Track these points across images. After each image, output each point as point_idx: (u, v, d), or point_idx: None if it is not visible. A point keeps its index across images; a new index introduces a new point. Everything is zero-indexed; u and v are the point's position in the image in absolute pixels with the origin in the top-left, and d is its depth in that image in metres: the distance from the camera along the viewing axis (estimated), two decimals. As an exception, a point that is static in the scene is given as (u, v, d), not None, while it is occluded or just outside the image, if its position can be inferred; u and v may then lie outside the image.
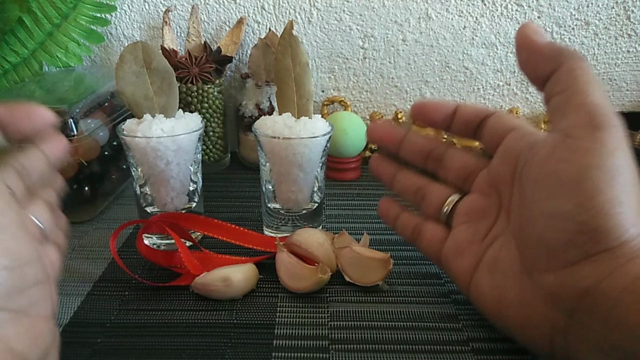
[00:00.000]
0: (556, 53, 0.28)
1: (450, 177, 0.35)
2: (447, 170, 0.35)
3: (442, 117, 0.34)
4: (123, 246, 0.43)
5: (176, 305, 0.35)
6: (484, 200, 0.33)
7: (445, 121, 0.34)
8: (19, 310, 0.22)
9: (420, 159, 0.36)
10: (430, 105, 0.35)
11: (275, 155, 0.40)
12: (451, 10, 0.59)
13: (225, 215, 0.48)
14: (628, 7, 0.59)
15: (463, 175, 0.34)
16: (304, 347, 0.31)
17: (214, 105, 0.57)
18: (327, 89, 0.64)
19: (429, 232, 0.35)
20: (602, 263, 0.25)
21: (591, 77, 0.27)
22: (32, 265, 0.23)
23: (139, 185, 0.41)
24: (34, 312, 0.23)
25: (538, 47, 0.28)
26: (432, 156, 0.36)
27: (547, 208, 0.26)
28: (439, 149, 0.35)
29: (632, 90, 0.64)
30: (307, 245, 0.38)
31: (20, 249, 0.23)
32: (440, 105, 0.35)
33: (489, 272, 0.31)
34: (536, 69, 0.29)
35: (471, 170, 0.34)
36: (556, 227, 0.26)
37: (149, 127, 0.38)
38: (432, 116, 0.35)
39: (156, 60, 0.38)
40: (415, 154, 0.36)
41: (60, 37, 0.57)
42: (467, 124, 0.34)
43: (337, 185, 0.56)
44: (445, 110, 0.34)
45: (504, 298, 0.29)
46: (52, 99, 0.47)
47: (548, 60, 0.28)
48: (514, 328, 0.29)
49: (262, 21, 0.61)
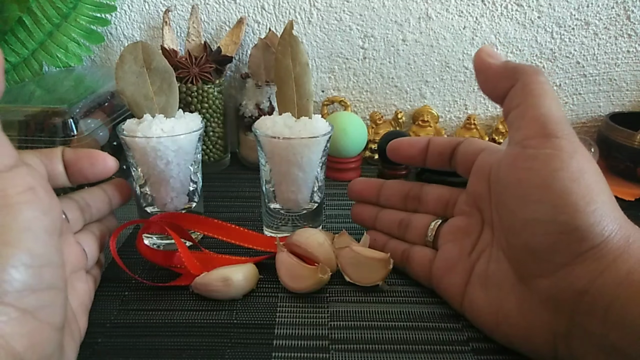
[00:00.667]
0: (511, 71, 0.29)
1: (430, 209, 0.37)
2: (426, 204, 0.37)
3: (417, 152, 0.37)
4: (123, 246, 0.43)
5: (176, 305, 0.35)
6: (467, 219, 0.34)
7: (420, 155, 0.37)
8: (27, 310, 0.22)
9: (399, 202, 0.39)
10: (404, 143, 0.38)
11: (275, 155, 0.40)
12: (451, 10, 0.59)
13: (225, 215, 0.48)
14: (628, 7, 0.59)
15: (442, 205, 0.36)
16: (304, 347, 0.31)
17: (214, 105, 0.57)
18: (327, 89, 0.64)
19: (417, 255, 0.36)
20: (593, 262, 0.25)
21: (544, 90, 0.28)
22: (51, 268, 0.24)
23: (139, 185, 0.41)
24: (41, 317, 0.23)
25: (494, 68, 0.30)
26: (410, 197, 0.38)
27: (525, 215, 0.27)
28: (415, 189, 0.38)
29: (632, 90, 0.64)
30: (307, 245, 0.38)
31: (42, 251, 0.23)
32: (413, 142, 0.37)
33: (482, 287, 0.31)
34: (494, 88, 0.30)
35: (448, 199, 0.36)
36: (539, 232, 0.26)
37: (149, 127, 0.38)
38: (407, 153, 0.37)
39: (156, 60, 0.38)
40: (393, 199, 0.39)
41: (60, 37, 0.57)
42: (441, 155, 0.36)
43: (337, 185, 0.56)
44: (418, 145, 0.37)
45: (501, 310, 0.29)
46: (52, 99, 0.47)
47: (504, 78, 0.29)
48: (515, 339, 0.29)
49: (262, 21, 0.61)
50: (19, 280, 0.22)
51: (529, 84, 0.28)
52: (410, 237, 0.37)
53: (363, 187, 0.41)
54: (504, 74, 0.29)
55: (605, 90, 0.64)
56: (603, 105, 0.65)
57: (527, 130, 0.27)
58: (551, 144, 0.26)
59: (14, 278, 0.21)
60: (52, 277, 0.24)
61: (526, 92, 0.28)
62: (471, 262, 0.32)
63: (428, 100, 0.64)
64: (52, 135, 0.43)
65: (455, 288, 0.33)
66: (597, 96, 0.64)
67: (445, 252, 0.34)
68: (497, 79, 0.30)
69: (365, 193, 0.41)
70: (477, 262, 0.32)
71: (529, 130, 0.27)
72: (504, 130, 0.62)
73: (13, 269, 0.21)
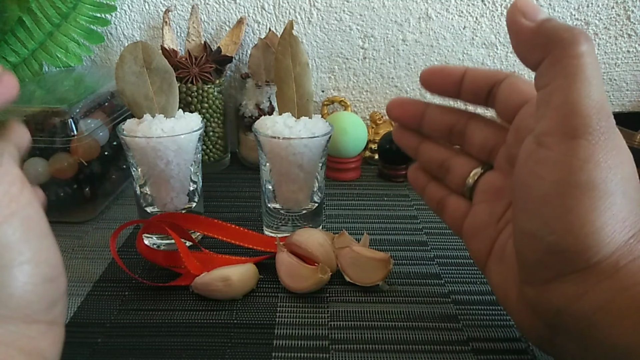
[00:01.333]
0: (545, 37, 0.23)
1: (474, 152, 0.32)
2: (470, 145, 0.32)
3: (451, 83, 0.31)
4: (123, 246, 0.43)
5: (176, 305, 0.35)
6: (503, 178, 0.30)
7: (454, 88, 0.31)
8: (52, 321, 0.22)
9: (444, 135, 0.33)
10: (438, 71, 0.32)
11: (275, 155, 0.40)
12: (451, 10, 0.59)
13: (225, 215, 0.48)
14: (628, 7, 0.59)
15: (486, 150, 0.32)
16: (304, 347, 0.31)
17: (214, 105, 0.57)
18: (327, 89, 0.64)
19: (452, 206, 0.33)
20: (574, 285, 0.24)
21: (580, 68, 0.22)
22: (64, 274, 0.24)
23: (139, 185, 0.41)
24: (59, 320, 0.23)
25: (525, 31, 0.24)
26: (455, 131, 0.33)
27: (520, 225, 0.26)
28: (460, 123, 0.33)
29: (632, 90, 0.63)
30: (307, 245, 0.38)
31: (57, 259, 0.23)
32: (447, 70, 0.31)
33: (499, 261, 0.30)
34: (525, 58, 0.25)
35: (493, 145, 0.31)
36: (528, 246, 0.25)
37: (149, 127, 0.38)
38: (441, 83, 0.32)
39: (156, 60, 0.38)
40: (437, 130, 0.33)
41: (60, 37, 0.57)
42: (477, 90, 0.30)
43: (337, 185, 0.56)
44: (453, 75, 0.31)
45: (508, 293, 0.29)
46: (52, 99, 0.47)
47: (537, 47, 0.24)
48: (517, 323, 0.29)
49: (262, 21, 0.61)
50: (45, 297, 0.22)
51: (561, 59, 0.22)
52: (450, 181, 0.33)
53: (403, 111, 0.34)
54: (537, 41, 0.23)
55: (605, 90, 0.64)
56: (603, 105, 0.65)
57: (547, 122, 0.23)
58: (566, 147, 0.23)
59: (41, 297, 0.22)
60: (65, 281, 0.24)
61: (557, 70, 0.23)
62: (497, 230, 0.30)
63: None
64: (52, 135, 0.43)
65: (480, 254, 0.31)
66: (597, 96, 0.64)
67: (476, 213, 0.32)
68: (529, 46, 0.24)
69: (405, 118, 0.35)
70: (501, 232, 0.30)
71: (549, 122, 0.23)
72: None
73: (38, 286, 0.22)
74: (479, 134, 0.32)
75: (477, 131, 0.32)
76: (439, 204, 0.34)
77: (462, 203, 0.32)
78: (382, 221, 0.47)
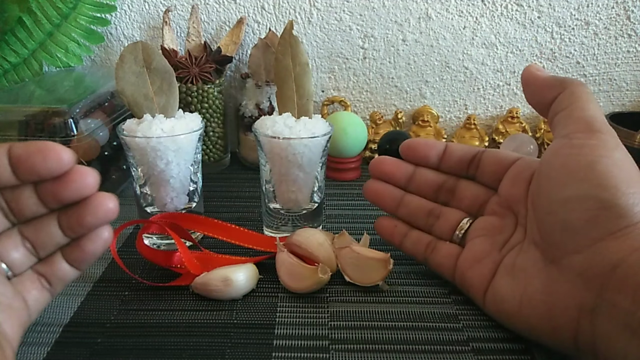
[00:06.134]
0: (559, 81, 0.32)
1: (464, 206, 0.37)
2: (459, 200, 0.38)
3: (435, 154, 0.38)
4: (123, 246, 0.43)
5: (176, 305, 0.35)
6: (500, 220, 0.35)
7: (436, 158, 0.38)
8: None
9: (431, 192, 0.39)
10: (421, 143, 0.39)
11: (275, 155, 0.40)
12: (451, 10, 0.59)
13: (225, 215, 0.48)
14: (628, 7, 0.59)
15: (477, 204, 0.37)
16: (304, 347, 0.31)
17: (214, 105, 0.57)
18: (327, 89, 0.64)
19: (444, 248, 0.37)
20: (627, 239, 0.26)
21: (589, 97, 0.31)
22: None
23: (139, 185, 0.41)
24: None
25: (542, 79, 0.33)
26: (445, 188, 0.38)
27: (566, 193, 0.29)
28: (450, 182, 0.38)
29: (632, 90, 0.63)
30: (307, 245, 0.38)
31: None
32: (431, 144, 0.38)
33: (508, 275, 0.32)
34: (542, 97, 0.33)
35: (483, 199, 0.37)
36: (578, 208, 0.28)
37: (149, 127, 0.38)
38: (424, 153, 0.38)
39: (156, 60, 0.38)
40: (426, 187, 0.39)
41: (60, 37, 0.57)
42: (460, 160, 0.37)
43: (337, 185, 0.56)
44: (437, 148, 0.38)
45: (525, 293, 0.30)
46: (52, 99, 0.47)
47: (553, 87, 0.32)
48: (536, 320, 0.29)
49: (262, 21, 0.61)
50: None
51: (576, 91, 0.31)
52: (438, 229, 0.38)
53: (393, 168, 0.39)
54: (553, 84, 0.32)
55: (605, 90, 0.64)
56: (603, 105, 0.65)
57: (574, 126, 0.30)
58: (596, 137, 0.29)
59: None
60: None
61: (574, 97, 0.31)
62: (501, 255, 0.33)
63: (428, 100, 0.64)
64: (52, 135, 0.43)
65: (480, 279, 0.33)
66: (597, 96, 0.64)
67: (475, 246, 0.35)
68: (546, 89, 0.32)
69: (396, 174, 0.39)
70: (506, 255, 0.33)
71: (576, 126, 0.30)
72: (504, 130, 0.62)
73: None
74: (471, 190, 0.37)
75: (469, 187, 0.38)
76: (427, 248, 0.37)
77: (453, 246, 0.37)
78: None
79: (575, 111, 0.30)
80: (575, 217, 0.28)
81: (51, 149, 0.24)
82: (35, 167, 0.24)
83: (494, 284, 0.32)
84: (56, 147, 0.25)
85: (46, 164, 0.24)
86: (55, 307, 0.35)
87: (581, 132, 0.29)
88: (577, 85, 0.31)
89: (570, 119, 0.30)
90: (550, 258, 0.30)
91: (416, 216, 0.38)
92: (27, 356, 0.30)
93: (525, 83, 0.34)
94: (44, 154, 0.24)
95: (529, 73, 0.33)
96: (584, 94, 0.31)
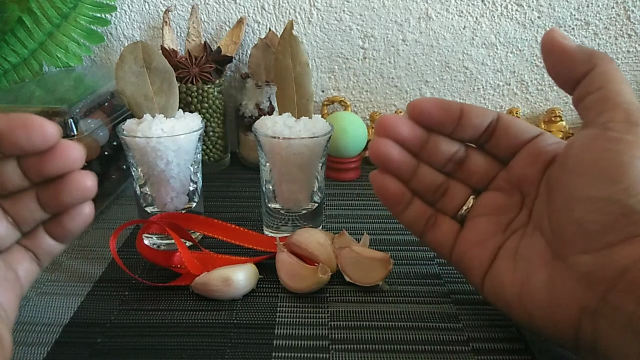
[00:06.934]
0: (588, 56, 0.29)
1: (473, 180, 0.34)
2: (468, 172, 0.34)
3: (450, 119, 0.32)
4: (123, 246, 0.43)
5: (176, 305, 0.35)
6: (506, 198, 0.33)
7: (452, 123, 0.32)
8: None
9: (442, 161, 0.34)
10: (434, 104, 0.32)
11: (275, 155, 0.40)
12: (451, 10, 0.59)
13: (225, 215, 0.48)
14: (628, 7, 0.59)
15: (487, 179, 0.33)
16: (304, 347, 0.31)
17: (214, 105, 0.57)
18: (327, 89, 0.64)
19: (445, 225, 0.34)
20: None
21: (623, 78, 0.28)
22: None
23: (139, 185, 0.41)
24: None
25: (569, 51, 0.29)
26: (454, 159, 0.33)
27: (590, 192, 0.27)
28: (461, 152, 0.33)
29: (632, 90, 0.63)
30: (307, 245, 0.38)
31: None
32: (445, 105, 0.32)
33: (510, 260, 0.30)
34: (569, 72, 0.29)
35: (493, 175, 0.33)
36: (599, 210, 0.27)
37: (149, 127, 0.38)
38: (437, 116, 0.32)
39: (156, 60, 0.38)
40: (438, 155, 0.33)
41: (60, 37, 0.57)
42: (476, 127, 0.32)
43: (337, 185, 0.56)
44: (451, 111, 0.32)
45: (527, 284, 0.29)
46: (52, 99, 0.47)
47: (580, 63, 0.29)
48: (537, 314, 0.29)
49: (262, 21, 0.61)
50: None
51: (609, 70, 0.28)
52: (443, 205, 0.34)
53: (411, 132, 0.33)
54: (581, 58, 0.29)
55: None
56: (603, 105, 0.64)
57: (611, 114, 0.27)
58: (634, 132, 0.27)
59: None
60: None
61: (608, 77, 0.28)
62: (504, 236, 0.32)
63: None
64: (52, 135, 0.43)
65: (479, 262, 0.32)
66: (597, 96, 0.64)
67: (477, 225, 0.33)
68: (573, 62, 0.29)
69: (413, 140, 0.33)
70: (509, 238, 0.32)
71: (613, 114, 0.27)
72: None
73: None
74: (482, 164, 0.34)
75: (479, 161, 0.34)
76: (427, 222, 0.34)
77: (454, 224, 0.34)
78: (382, 221, 0.47)
79: (611, 95, 0.28)
80: (594, 219, 0.27)
81: (35, 123, 0.23)
82: (18, 141, 0.23)
83: (494, 268, 0.31)
84: (40, 120, 0.23)
85: (30, 139, 0.23)
86: (55, 307, 0.35)
87: (619, 122, 0.27)
88: (608, 62, 0.28)
89: (607, 104, 0.28)
90: (556, 252, 0.29)
91: (425, 190, 0.34)
92: (27, 356, 0.30)
93: (548, 51, 0.30)
94: (27, 128, 0.23)
95: (552, 40, 0.29)
96: (617, 74, 0.28)
